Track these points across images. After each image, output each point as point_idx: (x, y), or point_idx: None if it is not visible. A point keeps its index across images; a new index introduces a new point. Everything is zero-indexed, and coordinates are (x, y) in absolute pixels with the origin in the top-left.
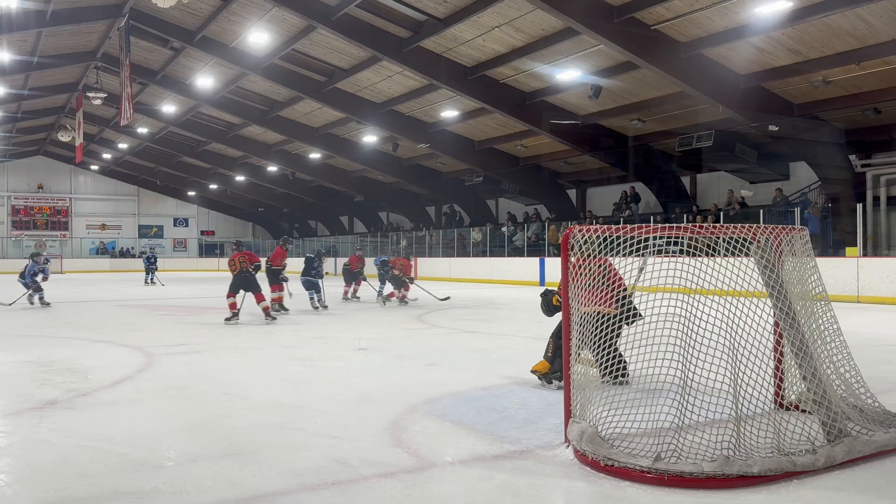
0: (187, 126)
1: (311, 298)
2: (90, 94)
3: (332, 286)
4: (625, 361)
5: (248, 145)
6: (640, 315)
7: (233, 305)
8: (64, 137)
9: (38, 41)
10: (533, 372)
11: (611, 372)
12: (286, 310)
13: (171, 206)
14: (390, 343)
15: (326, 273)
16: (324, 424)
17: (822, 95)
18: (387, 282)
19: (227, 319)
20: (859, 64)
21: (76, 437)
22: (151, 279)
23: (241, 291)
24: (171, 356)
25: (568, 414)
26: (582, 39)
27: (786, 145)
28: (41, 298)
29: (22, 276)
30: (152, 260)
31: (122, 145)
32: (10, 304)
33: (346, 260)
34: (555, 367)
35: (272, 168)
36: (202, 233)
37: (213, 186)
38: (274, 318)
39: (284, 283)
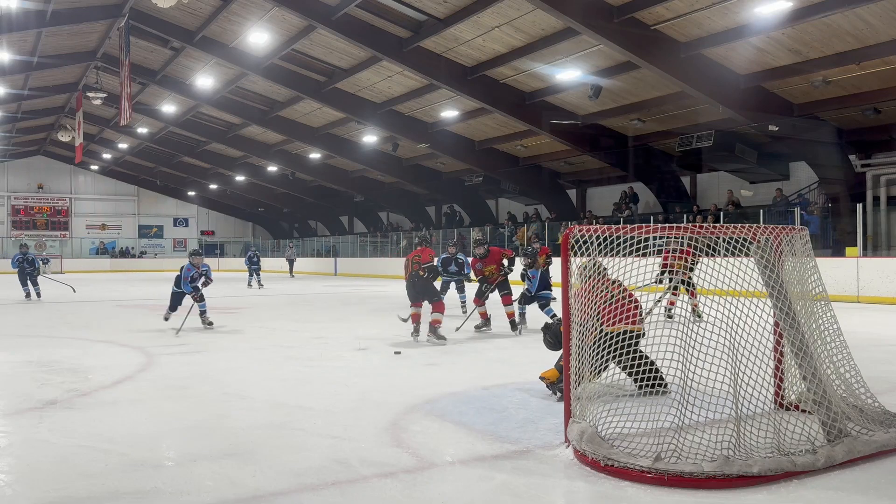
0: (187, 126)
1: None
2: (90, 94)
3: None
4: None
5: (248, 145)
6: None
7: (415, 317)
8: (64, 137)
9: (38, 41)
10: (541, 379)
11: (651, 383)
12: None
13: (171, 206)
14: (390, 343)
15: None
16: (324, 424)
17: (822, 95)
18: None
19: (412, 334)
20: (859, 64)
21: (76, 437)
22: (258, 281)
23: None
24: (171, 356)
25: (568, 414)
26: (582, 39)
27: (786, 145)
28: (203, 313)
29: (177, 284)
30: (255, 259)
31: (122, 145)
32: (177, 332)
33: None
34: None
35: (272, 168)
36: (202, 233)
37: (213, 186)
38: (443, 340)
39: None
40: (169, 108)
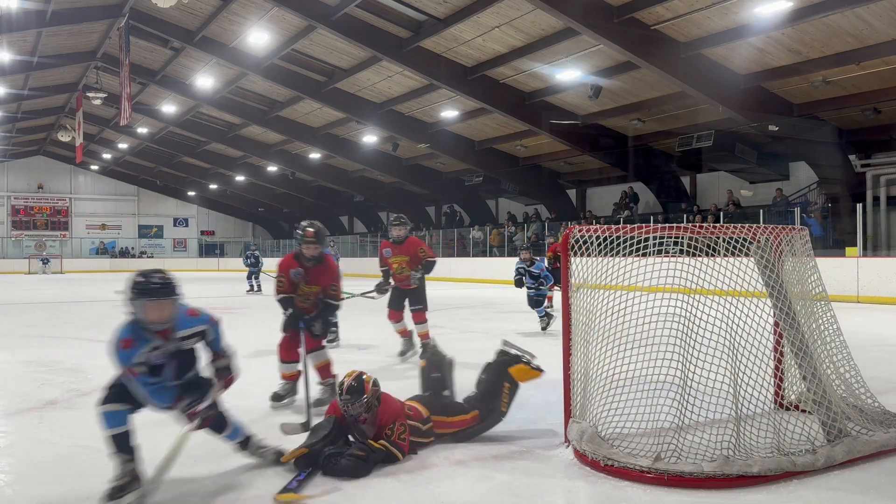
0: (187, 126)
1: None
2: (90, 94)
3: None
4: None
5: (248, 145)
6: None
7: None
8: (64, 137)
9: (38, 41)
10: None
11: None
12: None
13: (171, 206)
14: (390, 343)
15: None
16: None
17: (821, 95)
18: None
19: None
20: (859, 64)
21: (76, 437)
22: (257, 286)
23: None
24: None
25: (568, 414)
26: (582, 39)
27: (785, 145)
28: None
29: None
30: (252, 260)
31: (122, 145)
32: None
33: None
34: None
35: (272, 168)
36: (202, 233)
37: (213, 186)
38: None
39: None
40: (169, 108)
